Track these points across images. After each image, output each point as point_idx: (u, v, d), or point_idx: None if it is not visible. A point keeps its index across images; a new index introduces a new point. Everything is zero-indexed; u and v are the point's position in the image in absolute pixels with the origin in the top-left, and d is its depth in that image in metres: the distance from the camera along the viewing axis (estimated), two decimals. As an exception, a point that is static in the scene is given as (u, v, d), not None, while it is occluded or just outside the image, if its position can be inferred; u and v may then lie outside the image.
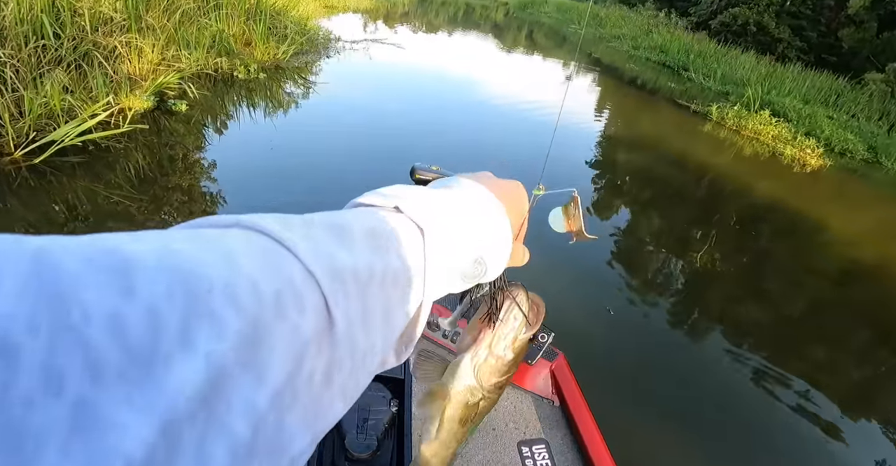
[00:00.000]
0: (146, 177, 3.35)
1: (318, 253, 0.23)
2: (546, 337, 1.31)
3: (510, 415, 1.31)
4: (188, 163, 3.73)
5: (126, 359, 0.15)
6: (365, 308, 0.25)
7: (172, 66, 4.72)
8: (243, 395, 0.18)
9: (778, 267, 4.24)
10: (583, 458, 1.24)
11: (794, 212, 5.48)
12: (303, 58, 6.88)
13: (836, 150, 8.40)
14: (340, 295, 0.23)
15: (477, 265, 0.34)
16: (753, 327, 3.40)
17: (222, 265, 0.19)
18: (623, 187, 5.59)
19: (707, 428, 2.40)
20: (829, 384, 2.92)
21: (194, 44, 5.23)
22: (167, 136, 3.96)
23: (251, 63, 5.67)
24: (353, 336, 0.24)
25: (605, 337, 2.84)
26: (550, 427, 1.30)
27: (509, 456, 1.22)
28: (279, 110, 5.18)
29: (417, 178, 1.57)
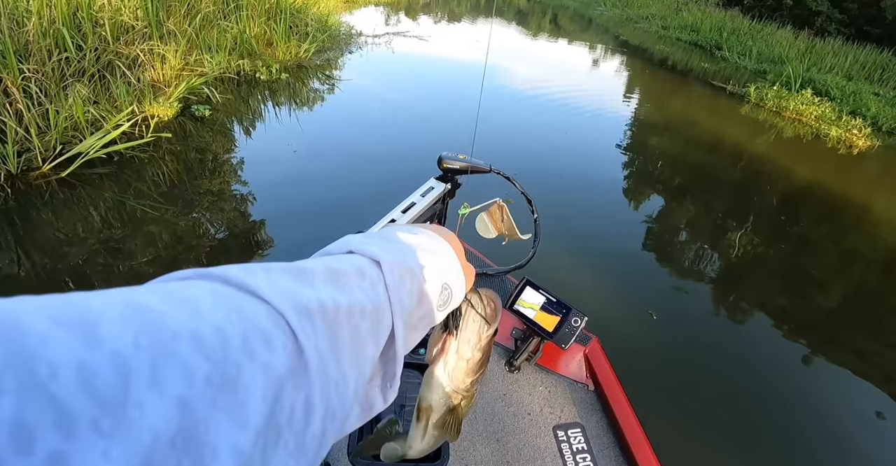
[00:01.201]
0: (174, 184, 3.25)
1: (283, 293, 0.24)
2: (579, 322, 1.24)
3: (545, 400, 1.29)
4: (215, 168, 3.61)
5: (97, 410, 0.15)
6: (334, 340, 0.26)
7: (195, 71, 4.59)
8: (226, 438, 0.18)
9: (837, 256, 3.89)
10: (619, 441, 1.20)
11: (848, 197, 5.03)
12: (325, 55, 6.67)
13: (884, 129, 7.74)
14: (309, 329, 0.24)
15: (444, 290, 0.37)
16: (797, 314, 3.19)
17: (186, 314, 0.19)
18: (657, 172, 5.23)
19: (742, 418, 2.25)
20: (874, 375, 2.73)
21: (216, 47, 5.09)
22: (193, 142, 3.84)
23: (273, 63, 5.49)
24: (325, 368, 0.24)
25: (639, 326, 2.71)
26: (585, 411, 1.28)
27: (545, 441, 1.20)
28: (303, 109, 5.01)
29: (446, 167, 1.37)
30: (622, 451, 1.19)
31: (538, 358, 1.31)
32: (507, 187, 1.45)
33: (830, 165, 6.13)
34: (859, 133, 7.05)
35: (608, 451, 1.19)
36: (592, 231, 3.61)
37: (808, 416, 2.36)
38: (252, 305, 0.22)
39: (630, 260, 3.45)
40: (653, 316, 2.68)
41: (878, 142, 6.96)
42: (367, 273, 0.31)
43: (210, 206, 3.14)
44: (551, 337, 1.23)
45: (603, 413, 1.27)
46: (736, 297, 3.33)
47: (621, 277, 3.14)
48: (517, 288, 1.28)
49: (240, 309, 0.21)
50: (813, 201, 4.99)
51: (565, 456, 1.18)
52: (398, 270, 0.32)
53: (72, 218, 2.82)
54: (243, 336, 0.20)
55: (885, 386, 2.68)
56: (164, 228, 2.85)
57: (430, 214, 1.49)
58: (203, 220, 3.03)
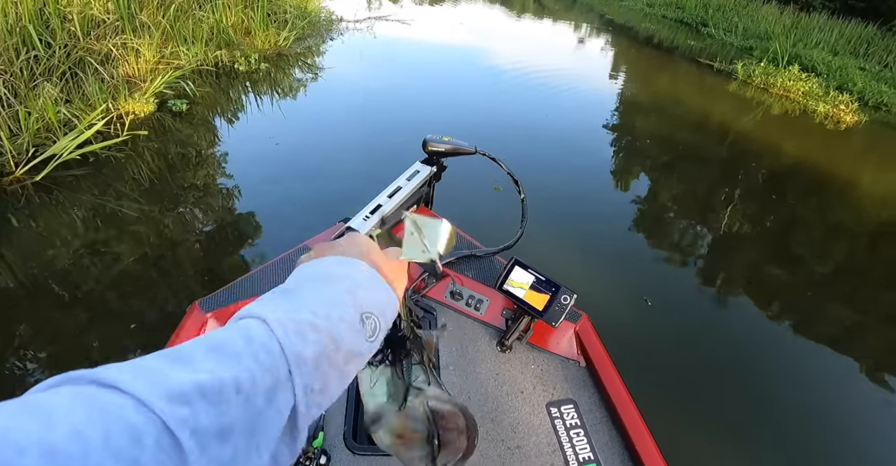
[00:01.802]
0: (156, 182, 3.21)
1: (152, 382, 0.23)
2: (568, 299, 1.27)
3: (537, 378, 1.32)
4: (198, 163, 3.57)
5: None
6: (222, 419, 0.25)
7: (171, 64, 4.53)
8: None
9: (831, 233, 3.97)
10: (611, 416, 1.24)
11: (833, 171, 5.11)
12: (305, 43, 6.59)
13: (871, 104, 7.83)
14: (186, 414, 0.23)
15: (367, 320, 0.36)
16: (785, 287, 3.28)
17: (36, 425, 0.19)
18: (645, 152, 5.28)
19: (733, 392, 2.33)
20: (862, 349, 2.82)
21: (192, 38, 5.01)
22: (173, 138, 3.79)
23: (251, 53, 5.42)
24: (212, 451, 0.24)
25: (628, 303, 2.78)
26: (578, 388, 1.31)
27: (539, 418, 1.24)
28: (285, 99, 4.96)
29: (431, 150, 1.40)
30: (615, 425, 1.23)
31: (529, 337, 1.35)
32: (494, 169, 1.46)
33: (818, 141, 6.21)
34: (846, 108, 7.13)
35: (601, 426, 1.23)
36: (579, 210, 3.67)
37: (796, 389, 2.44)
38: (117, 402, 0.22)
39: (617, 237, 3.51)
40: (647, 301, 2.71)
41: (864, 118, 7.05)
42: (254, 336, 0.30)
43: (195, 201, 3.12)
44: (541, 316, 1.26)
45: (595, 388, 1.30)
46: (725, 273, 3.40)
47: (609, 255, 3.21)
48: (506, 268, 1.31)
49: (102, 408, 0.21)
50: (802, 178, 5.06)
51: (559, 432, 1.21)
52: (293, 325, 0.31)
53: (51, 222, 2.78)
54: (105, 436, 0.20)
55: (871, 359, 2.77)
56: (149, 227, 2.83)
57: (416, 198, 1.51)
58: (188, 216, 3.01)
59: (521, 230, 1.37)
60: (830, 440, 2.19)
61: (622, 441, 1.20)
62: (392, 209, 1.46)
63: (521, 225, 1.37)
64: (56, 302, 2.29)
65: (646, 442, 1.17)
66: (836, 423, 2.28)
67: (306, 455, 1.08)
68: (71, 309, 2.27)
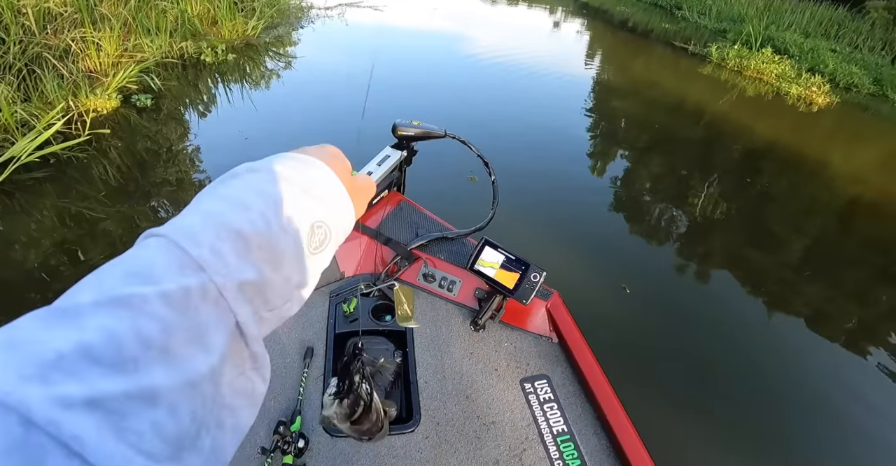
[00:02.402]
0: (121, 182, 3.15)
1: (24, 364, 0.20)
2: (538, 277, 1.31)
3: (511, 355, 1.37)
4: (169, 158, 3.51)
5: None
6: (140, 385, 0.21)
7: (135, 57, 4.43)
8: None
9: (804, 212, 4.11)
10: (584, 389, 1.30)
11: (806, 152, 5.27)
12: (274, 32, 6.50)
13: (842, 85, 8.06)
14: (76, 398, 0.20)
15: (317, 229, 0.32)
16: (759, 266, 3.38)
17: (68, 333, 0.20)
18: (620, 134, 5.39)
19: (703, 365, 2.43)
20: (831, 324, 2.96)
21: (155, 29, 4.91)
22: (137, 135, 3.71)
23: (218, 44, 5.33)
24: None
25: (600, 280, 2.88)
26: (551, 363, 1.36)
27: (513, 394, 1.28)
28: (256, 90, 4.89)
29: (400, 135, 1.44)
30: (587, 398, 1.29)
31: (502, 316, 1.39)
32: (469, 153, 1.49)
33: (792, 123, 6.38)
34: (818, 90, 7.33)
35: (574, 399, 1.28)
36: (552, 191, 3.75)
37: (765, 360, 2.55)
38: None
39: (591, 217, 3.61)
40: (626, 290, 2.77)
41: (836, 99, 7.26)
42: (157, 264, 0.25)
43: (164, 199, 3.09)
44: (513, 294, 1.30)
45: (567, 363, 1.35)
46: (698, 251, 3.50)
47: (580, 234, 3.30)
48: (476, 248, 1.34)
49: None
50: (776, 159, 5.21)
51: (533, 407, 1.26)
52: (212, 233, 0.26)
53: (13, 228, 2.70)
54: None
55: (841, 333, 2.91)
56: (116, 228, 2.79)
57: (387, 182, 1.53)
58: (158, 214, 2.98)
59: (492, 211, 1.41)
60: (793, 410, 2.30)
61: (594, 413, 1.26)
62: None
63: (492, 206, 1.40)
64: (19, 310, 2.25)
65: (617, 413, 1.22)
66: (801, 392, 2.39)
67: (284, 439, 1.11)
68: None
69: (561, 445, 1.20)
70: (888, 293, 3.35)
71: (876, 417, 2.32)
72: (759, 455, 2.04)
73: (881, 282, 3.44)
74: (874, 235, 4.05)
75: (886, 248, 3.84)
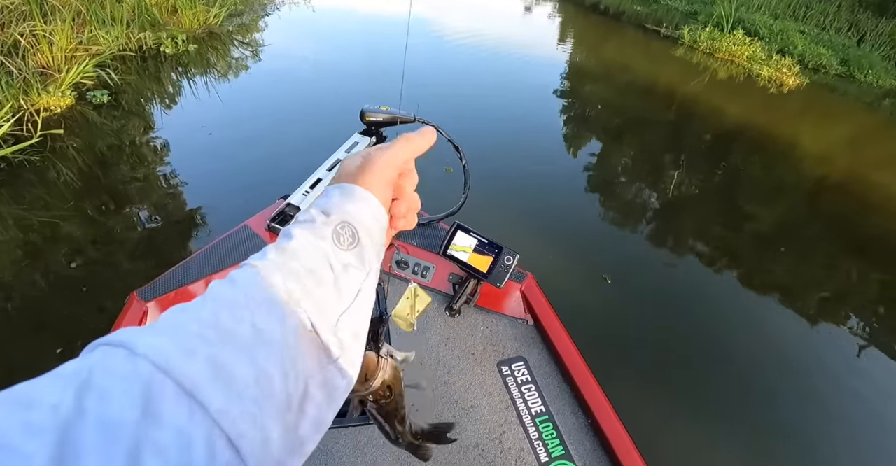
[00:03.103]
0: (77, 184, 3.04)
1: (142, 330, 0.26)
2: (511, 260, 1.33)
3: (487, 339, 1.39)
4: (123, 159, 3.41)
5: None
6: (234, 340, 0.28)
7: (90, 50, 4.29)
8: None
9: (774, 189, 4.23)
10: (560, 369, 1.33)
11: (777, 133, 5.42)
12: (238, 20, 6.37)
13: (811, 66, 8.27)
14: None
15: (344, 228, 0.35)
16: (729, 244, 3.52)
17: (17, 408, 0.21)
18: (593, 118, 5.47)
19: (677, 341, 2.54)
20: (802, 298, 3.10)
21: (111, 20, 4.75)
22: (95, 134, 3.58)
23: (178, 34, 5.19)
24: (226, 375, 0.26)
25: (573, 261, 2.96)
26: (527, 345, 1.38)
27: (490, 377, 1.31)
28: (221, 81, 4.79)
29: (369, 121, 1.43)
30: (564, 378, 1.31)
31: (477, 300, 1.40)
32: (446, 144, 1.49)
33: (763, 104, 6.53)
34: (789, 72, 7.51)
35: (551, 379, 1.31)
36: (525, 174, 3.82)
37: (733, 330, 2.68)
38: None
39: (562, 199, 3.70)
40: (607, 280, 2.81)
41: (805, 80, 7.45)
42: (240, 275, 0.31)
43: (125, 198, 3.01)
44: (486, 278, 1.32)
45: (543, 344, 1.38)
46: (673, 231, 3.61)
47: (552, 216, 3.38)
48: (449, 233, 1.35)
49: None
50: (747, 140, 5.33)
51: (511, 389, 1.28)
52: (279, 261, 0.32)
53: None
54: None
55: (812, 307, 3.03)
56: (74, 230, 2.70)
57: (356, 170, 1.52)
58: (119, 213, 2.90)
59: (464, 196, 1.41)
60: (760, 377, 2.40)
61: (572, 393, 1.28)
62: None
63: (464, 190, 1.41)
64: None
65: (594, 392, 1.25)
66: (767, 361, 2.51)
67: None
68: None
69: (540, 426, 1.22)
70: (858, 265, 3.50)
71: (842, 382, 2.45)
72: (730, 430, 2.13)
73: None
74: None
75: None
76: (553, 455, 1.17)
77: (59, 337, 2.11)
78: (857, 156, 5.39)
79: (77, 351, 0.77)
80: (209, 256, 1.43)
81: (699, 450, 2.03)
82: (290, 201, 1.48)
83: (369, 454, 1.14)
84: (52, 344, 2.08)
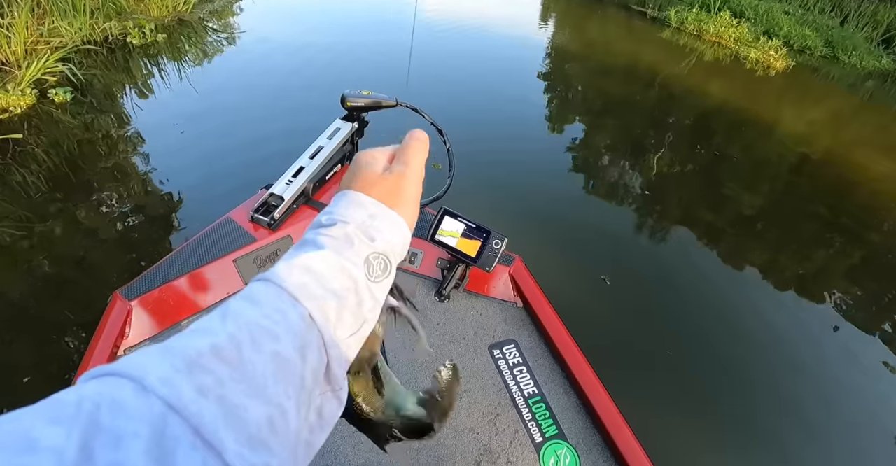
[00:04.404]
0: (42, 189, 2.95)
1: (151, 358, 0.25)
2: (500, 243, 1.37)
3: (478, 323, 1.43)
4: (94, 158, 3.33)
5: None
6: (247, 378, 0.27)
7: (51, 43, 4.21)
8: None
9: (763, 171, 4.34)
10: (551, 351, 1.38)
11: (768, 116, 5.54)
12: (210, 6, 6.28)
13: (796, 48, 8.43)
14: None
15: (375, 260, 0.36)
16: (714, 223, 3.66)
17: (17, 452, 0.20)
18: (581, 102, 5.56)
19: (661, 319, 2.66)
20: (785, 274, 3.26)
21: (73, 10, 4.66)
22: (59, 134, 3.46)
23: (145, 23, 5.11)
24: (237, 416, 0.25)
25: (560, 243, 3.06)
26: (517, 328, 1.43)
27: (482, 361, 1.35)
28: (194, 72, 4.70)
29: (350, 106, 1.46)
30: (555, 359, 1.36)
31: (466, 285, 1.44)
32: (417, 118, 1.52)
33: (751, 87, 6.66)
34: (776, 54, 7.65)
35: (542, 361, 1.35)
36: (508, 156, 3.91)
37: (718, 310, 2.79)
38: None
39: (549, 182, 3.78)
40: (606, 281, 2.84)
41: (792, 62, 7.60)
42: (262, 293, 0.31)
43: (109, 193, 2.97)
44: (475, 262, 1.35)
45: (534, 326, 1.42)
46: (658, 212, 3.72)
47: (539, 199, 3.47)
48: (436, 218, 1.38)
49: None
50: (737, 124, 5.43)
51: (503, 372, 1.33)
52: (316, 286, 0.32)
53: None
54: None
55: (793, 282, 3.16)
56: (45, 237, 2.64)
57: (340, 156, 1.55)
58: (93, 214, 2.86)
59: (449, 180, 1.44)
60: (743, 351, 2.51)
61: (563, 372, 1.33)
62: (315, 170, 1.50)
63: (448, 174, 1.44)
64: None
65: (585, 371, 1.30)
66: (755, 338, 2.62)
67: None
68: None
69: (533, 406, 1.27)
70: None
71: (818, 346, 2.60)
72: (714, 407, 2.22)
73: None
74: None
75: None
76: (547, 435, 1.22)
77: (40, 341, 2.11)
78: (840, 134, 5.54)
79: (61, 355, 0.79)
80: (192, 251, 1.44)
81: (687, 429, 2.12)
82: (273, 191, 1.50)
83: (366, 443, 1.16)
84: (30, 351, 2.07)
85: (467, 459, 1.17)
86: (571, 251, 2.99)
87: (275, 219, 1.45)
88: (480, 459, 1.18)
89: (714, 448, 2.09)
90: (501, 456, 1.18)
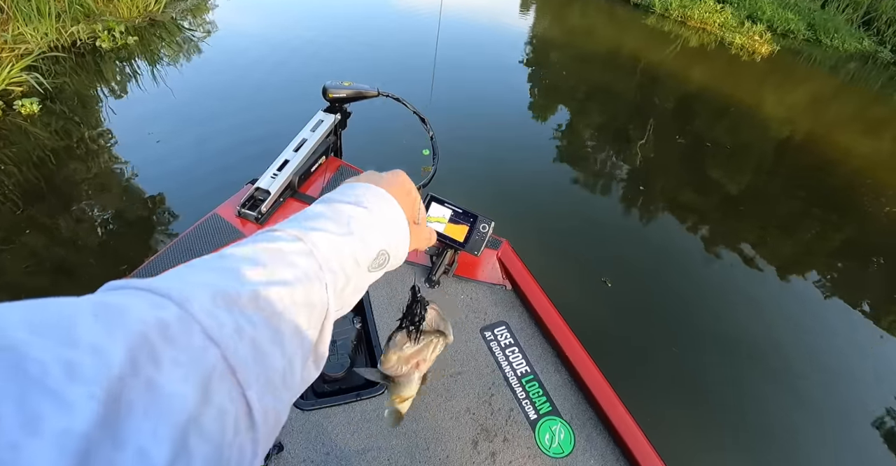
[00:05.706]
0: (23, 206, 2.93)
1: (191, 286, 0.27)
2: (487, 227, 1.43)
3: (468, 307, 1.49)
4: (86, 153, 3.34)
5: (89, 387, 0.18)
6: (274, 329, 0.30)
7: (16, 50, 4.20)
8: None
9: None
10: (541, 331, 1.44)
11: (753, 100, 5.67)
12: (182, 4, 6.26)
13: (779, 31, 8.62)
14: (228, 325, 0.27)
15: (380, 256, 0.41)
16: (699, 205, 3.83)
17: (57, 342, 0.20)
18: (562, 88, 5.66)
19: (646, 296, 2.82)
20: (769, 252, 3.40)
21: (37, 14, 4.64)
22: (29, 146, 3.40)
23: (114, 25, 5.10)
24: (262, 361, 0.28)
25: (546, 225, 3.21)
26: (507, 310, 1.49)
27: (475, 343, 1.41)
28: (169, 74, 4.69)
29: (332, 97, 1.52)
30: (546, 338, 1.43)
31: (455, 270, 1.50)
32: (401, 108, 1.58)
33: (736, 73, 6.81)
34: (760, 39, 7.82)
35: (533, 340, 1.42)
36: (494, 145, 4.02)
37: (704, 290, 2.97)
38: (140, 310, 0.24)
39: (532, 166, 3.94)
40: (607, 283, 2.89)
41: (776, 47, 7.77)
42: (296, 254, 0.35)
43: (89, 200, 2.98)
44: (463, 247, 1.41)
45: (523, 308, 1.49)
46: (645, 196, 3.85)
47: (524, 183, 3.61)
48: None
49: (121, 322, 0.23)
50: (722, 108, 5.57)
51: (496, 353, 1.39)
52: (330, 251, 0.37)
53: None
54: (130, 355, 0.22)
55: (777, 260, 3.31)
56: (25, 252, 2.67)
57: (324, 148, 1.60)
58: (85, 218, 2.88)
59: (433, 167, 1.50)
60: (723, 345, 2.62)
61: (554, 351, 1.40)
62: (300, 162, 1.55)
63: (432, 162, 1.50)
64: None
65: (575, 349, 1.37)
66: (737, 312, 2.80)
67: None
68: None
69: (526, 385, 1.33)
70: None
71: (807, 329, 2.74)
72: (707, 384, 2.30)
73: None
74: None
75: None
76: (541, 412, 1.28)
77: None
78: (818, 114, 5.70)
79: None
80: (180, 249, 1.48)
81: (680, 404, 2.22)
82: (258, 185, 1.54)
83: (364, 429, 1.22)
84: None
85: (465, 439, 1.23)
86: (556, 234, 3.13)
87: (262, 213, 1.49)
88: (478, 438, 1.23)
89: (706, 428, 2.18)
90: (498, 435, 1.24)
